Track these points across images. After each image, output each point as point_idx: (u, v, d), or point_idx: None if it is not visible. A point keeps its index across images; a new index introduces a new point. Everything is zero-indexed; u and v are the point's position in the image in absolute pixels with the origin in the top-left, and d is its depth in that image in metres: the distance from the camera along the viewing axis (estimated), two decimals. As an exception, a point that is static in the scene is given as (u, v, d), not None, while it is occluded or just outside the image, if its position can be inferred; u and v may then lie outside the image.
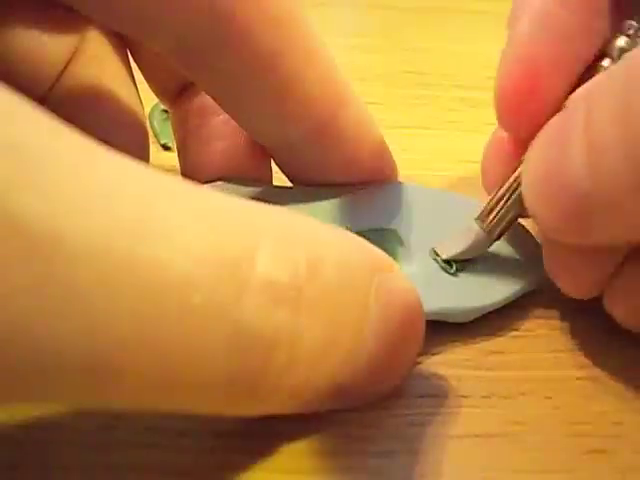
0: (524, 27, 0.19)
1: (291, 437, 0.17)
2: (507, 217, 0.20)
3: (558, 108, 0.19)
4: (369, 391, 0.17)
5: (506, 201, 0.20)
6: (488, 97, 0.20)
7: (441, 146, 0.29)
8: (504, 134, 0.21)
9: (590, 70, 0.19)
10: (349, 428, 0.17)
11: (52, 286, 0.12)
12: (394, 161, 0.23)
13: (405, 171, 0.23)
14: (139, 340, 0.13)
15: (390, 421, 0.18)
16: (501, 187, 0.20)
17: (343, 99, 0.21)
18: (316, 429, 0.17)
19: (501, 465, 0.17)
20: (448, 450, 0.17)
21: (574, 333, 0.21)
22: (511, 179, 0.20)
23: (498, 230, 0.20)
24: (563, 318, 0.21)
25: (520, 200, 0.19)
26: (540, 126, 0.18)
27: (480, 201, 0.22)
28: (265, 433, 0.17)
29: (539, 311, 0.21)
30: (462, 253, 0.21)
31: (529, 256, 0.21)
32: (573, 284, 0.20)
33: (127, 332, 0.13)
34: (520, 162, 0.19)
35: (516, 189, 0.20)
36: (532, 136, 0.19)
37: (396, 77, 0.34)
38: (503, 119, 0.20)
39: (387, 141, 0.22)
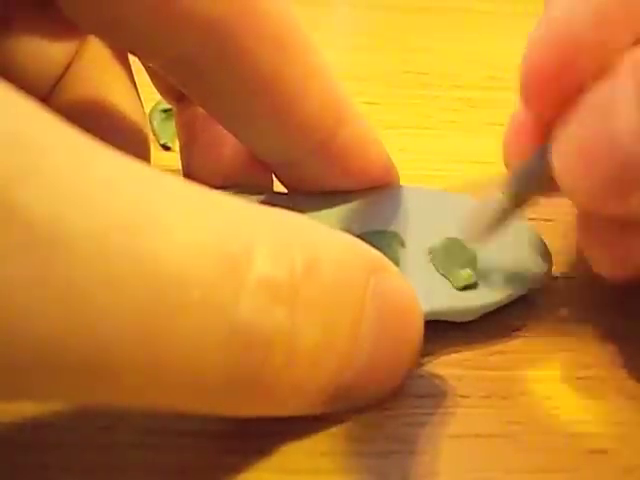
0: (563, 3, 0.18)
1: (291, 437, 0.17)
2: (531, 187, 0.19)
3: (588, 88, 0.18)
4: (369, 392, 0.17)
5: (530, 175, 0.19)
6: (488, 97, 0.20)
7: (441, 146, 0.29)
8: (523, 117, 0.20)
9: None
10: (349, 428, 0.17)
11: (51, 278, 0.12)
12: (397, 172, 0.23)
13: (405, 171, 0.23)
14: (138, 336, 0.13)
15: (390, 421, 0.18)
16: (527, 161, 0.19)
17: (344, 115, 0.21)
18: (316, 429, 0.17)
19: (501, 465, 0.17)
20: (448, 450, 0.17)
21: (574, 333, 0.21)
22: (536, 154, 0.19)
23: (522, 200, 0.20)
24: (563, 318, 0.21)
25: (544, 175, 0.19)
26: (567, 106, 0.18)
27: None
28: (265, 433, 0.17)
29: (539, 311, 0.21)
30: (488, 229, 0.20)
31: (530, 254, 0.21)
32: (609, 261, 0.19)
33: (126, 327, 0.13)
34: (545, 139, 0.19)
35: (541, 164, 0.19)
36: (557, 116, 0.18)
37: (396, 77, 0.34)
38: (529, 96, 0.19)
39: (386, 141, 0.22)
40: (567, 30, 0.18)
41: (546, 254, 0.21)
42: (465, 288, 0.20)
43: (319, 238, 0.16)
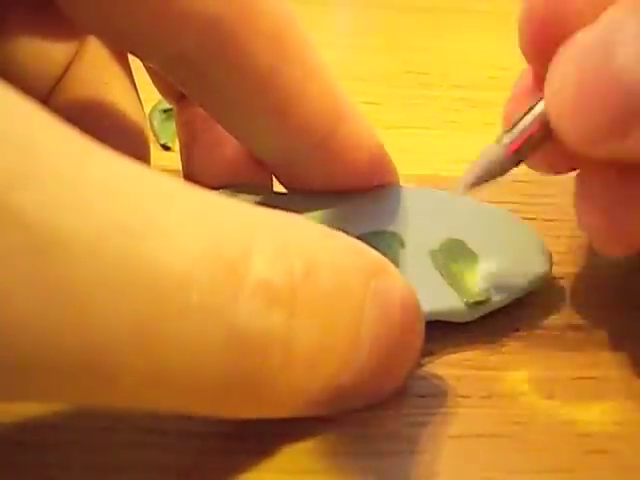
0: None
1: (291, 438, 0.17)
2: (529, 132, 0.19)
3: None
4: (369, 393, 0.17)
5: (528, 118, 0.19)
6: (488, 97, 0.20)
7: (441, 146, 0.29)
8: (524, 83, 0.20)
9: None
10: (349, 428, 0.17)
11: (50, 281, 0.12)
12: (395, 169, 0.23)
13: (405, 171, 0.23)
14: (136, 339, 0.13)
15: (390, 421, 0.18)
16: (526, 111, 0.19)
17: (342, 114, 0.21)
18: (316, 429, 0.17)
19: (501, 465, 0.17)
20: (448, 450, 0.17)
21: (574, 333, 0.21)
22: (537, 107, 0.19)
23: (520, 149, 0.19)
24: (563, 318, 0.21)
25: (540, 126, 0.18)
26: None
27: (481, 202, 0.22)
28: (265, 434, 0.17)
29: (539, 311, 0.21)
30: (481, 176, 0.19)
31: (530, 255, 0.21)
32: (606, 231, 0.19)
33: (124, 330, 0.13)
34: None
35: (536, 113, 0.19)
36: None
37: (396, 77, 0.34)
38: (528, 46, 0.19)
39: (386, 141, 0.22)
40: None
41: (546, 254, 0.21)
42: (476, 304, 0.20)
43: (318, 241, 0.16)
